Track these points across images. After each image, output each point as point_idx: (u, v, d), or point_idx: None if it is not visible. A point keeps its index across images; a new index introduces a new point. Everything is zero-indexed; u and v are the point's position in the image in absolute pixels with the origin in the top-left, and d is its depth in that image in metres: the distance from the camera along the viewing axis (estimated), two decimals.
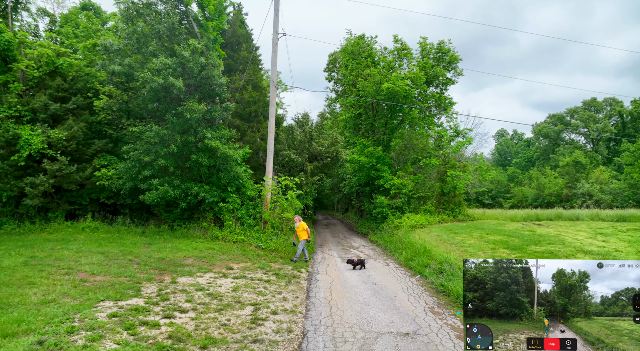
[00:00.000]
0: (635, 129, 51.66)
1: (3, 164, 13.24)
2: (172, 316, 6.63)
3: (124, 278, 9.18)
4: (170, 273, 9.96)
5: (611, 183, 40.04)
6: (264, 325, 6.50)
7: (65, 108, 14.54)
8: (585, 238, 14.99)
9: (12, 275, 8.80)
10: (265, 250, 13.95)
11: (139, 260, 11.01)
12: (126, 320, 6.21)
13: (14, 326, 5.59)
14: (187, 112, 12.98)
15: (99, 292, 7.83)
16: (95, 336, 5.47)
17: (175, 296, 7.93)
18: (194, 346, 5.38)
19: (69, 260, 10.52)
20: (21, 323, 5.74)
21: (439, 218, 20.60)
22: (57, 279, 8.68)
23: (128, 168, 14.27)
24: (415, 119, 23.46)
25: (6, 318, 5.90)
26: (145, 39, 13.61)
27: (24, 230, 14.36)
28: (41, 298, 7.22)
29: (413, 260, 12.59)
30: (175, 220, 15.30)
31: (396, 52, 26.01)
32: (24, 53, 14.76)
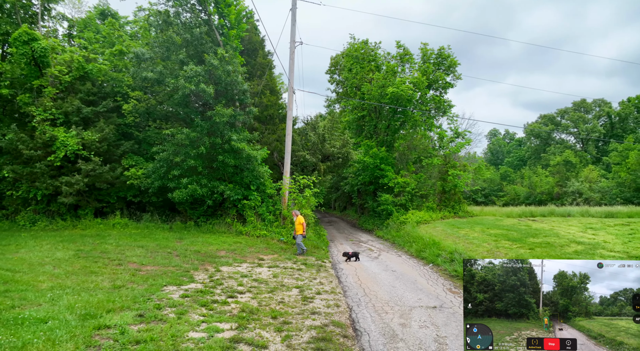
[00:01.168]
0: (622, 129, 53.79)
1: (40, 164, 14.10)
2: (234, 296, 7.70)
3: (171, 267, 10.17)
4: (211, 264, 10.98)
5: (600, 181, 41.85)
6: (314, 302, 7.62)
7: (96, 111, 15.44)
8: (577, 231, 16.37)
9: (72, 265, 9.75)
10: (287, 243, 15.03)
11: (178, 253, 12.01)
12: (198, 300, 7.26)
13: (110, 304, 6.59)
14: (216, 116, 14.00)
15: (158, 279, 8.81)
16: (180, 311, 6.52)
17: (227, 281, 8.98)
18: (265, 317, 6.47)
19: (114, 253, 11.47)
20: (113, 302, 6.72)
21: (441, 215, 21.92)
22: (114, 269, 9.64)
23: (157, 168, 15.22)
24: (418, 121, 24.72)
25: (97, 299, 6.86)
26: (175, 48, 14.58)
27: (57, 226, 15.24)
28: (111, 284, 8.17)
29: (424, 251, 13.81)
30: (199, 216, 16.30)
31: (399, 57, 27.24)
32: (55, 58, 15.59)
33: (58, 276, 8.58)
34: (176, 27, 14.80)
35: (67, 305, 6.42)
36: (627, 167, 37.92)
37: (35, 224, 15.03)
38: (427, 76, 24.97)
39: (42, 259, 10.26)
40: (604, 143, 57.55)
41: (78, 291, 7.36)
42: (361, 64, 27.98)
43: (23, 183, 14.70)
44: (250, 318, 6.33)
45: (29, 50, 14.02)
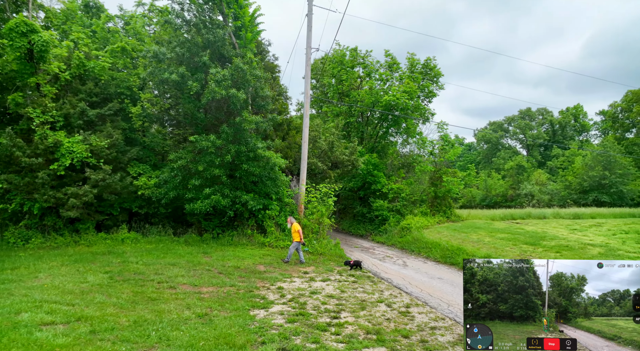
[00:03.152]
0: (563, 136, 60.04)
1: (42, 174, 12.38)
2: (337, 316, 7.42)
3: (229, 287, 9.52)
4: (262, 280, 10.44)
5: (549, 184, 46.38)
6: (415, 316, 7.60)
7: (101, 114, 13.93)
8: (568, 233, 18.02)
9: (120, 291, 8.68)
10: (313, 253, 14.74)
11: (218, 270, 11.26)
12: (308, 323, 6.90)
13: (231, 339, 5.92)
14: (245, 123, 13.36)
15: (233, 302, 8.16)
16: (312, 338, 6.13)
17: (304, 299, 8.61)
18: (397, 337, 6.32)
19: (152, 274, 10.45)
20: (231, 336, 6.03)
21: (437, 220, 22.85)
22: (173, 293, 8.74)
23: (171, 177, 14.16)
24: (410, 129, 25.59)
25: (210, 333, 6.10)
26: (196, 49, 13.63)
27: (56, 243, 13.49)
28: (191, 312, 7.33)
29: (451, 257, 14.33)
30: (214, 228, 15.41)
31: (387, 66, 28.01)
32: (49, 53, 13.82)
33: (122, 306, 7.59)
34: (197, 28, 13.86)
35: (185, 344, 5.69)
36: (573, 171, 42.52)
37: (29, 241, 13.17)
38: (418, 85, 25.97)
39: (77, 285, 9.03)
40: (546, 149, 63.88)
41: (170, 325, 6.56)
42: (348, 72, 28.30)
43: (17, 195, 12.79)
44: (388, 340, 6.15)
45: (26, 44, 12.26)
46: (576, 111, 59.36)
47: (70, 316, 6.63)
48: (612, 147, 38.40)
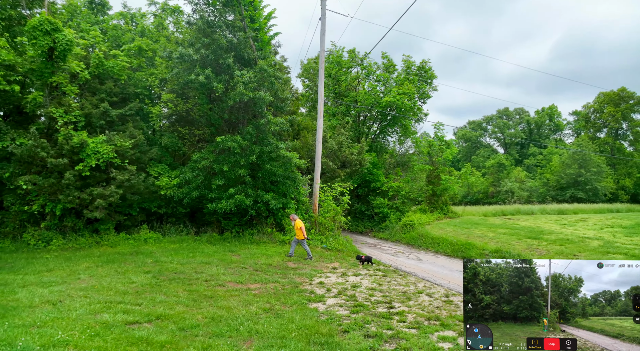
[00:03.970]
0: (539, 135, 63.13)
1: (69, 175, 12.27)
2: (392, 307, 8.02)
3: (273, 284, 9.90)
4: (299, 276, 10.89)
5: (527, 182, 48.88)
6: (457, 303, 8.31)
7: (122, 114, 13.88)
8: (560, 228, 19.40)
9: (176, 291, 8.88)
10: (332, 250, 15.30)
11: (252, 267, 11.62)
12: (371, 313, 7.46)
13: (316, 329, 6.31)
14: (270, 125, 13.71)
15: (288, 297, 8.52)
16: (385, 325, 6.70)
17: (350, 292, 9.16)
18: (455, 321, 6.98)
19: (193, 272, 10.70)
20: (313, 327, 6.38)
21: (435, 216, 23.89)
22: (226, 291, 8.93)
23: (193, 177, 14.33)
24: (409, 129, 26.52)
25: (290, 325, 6.37)
26: (221, 51, 13.81)
27: (79, 244, 13.38)
28: (259, 307, 7.61)
29: (463, 252, 15.25)
30: (234, 227, 15.68)
31: (384, 68, 28.79)
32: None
33: (187, 304, 7.69)
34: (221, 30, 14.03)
35: (277, 336, 6.02)
36: (550, 169, 45.05)
37: (50, 243, 13.01)
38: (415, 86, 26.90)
39: (127, 286, 9.16)
40: (522, 147, 67.01)
41: (247, 319, 6.85)
42: (346, 73, 28.87)
43: (39, 196, 12.60)
44: (451, 324, 6.79)
45: (50, 42, 12.08)
46: (551, 111, 62.55)
47: (149, 316, 6.85)
48: (587, 146, 40.96)
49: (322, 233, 16.30)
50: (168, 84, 15.00)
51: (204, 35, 13.83)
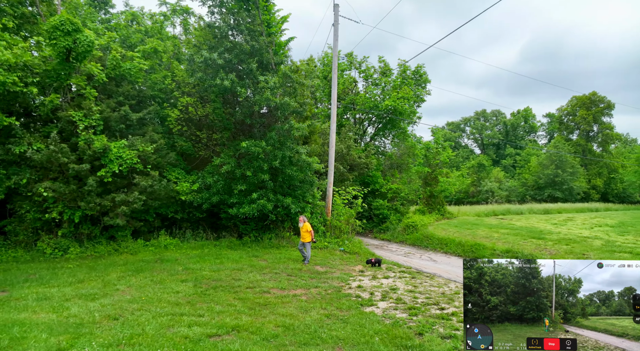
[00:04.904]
0: (515, 136, 66.01)
1: (92, 181, 11.85)
2: (443, 308, 8.41)
3: (314, 289, 10.06)
4: (336, 280, 11.09)
5: (506, 182, 51.12)
6: None
7: (141, 118, 13.55)
8: (554, 228, 20.58)
9: (225, 300, 8.83)
10: (349, 253, 15.59)
11: (286, 272, 11.69)
12: (428, 314, 7.81)
13: (391, 332, 6.57)
14: (293, 130, 13.82)
15: (338, 302, 8.70)
16: (449, 326, 7.06)
17: (394, 295, 9.47)
18: None
19: (230, 280, 10.64)
20: (388, 331, 6.64)
21: (434, 217, 24.71)
22: (275, 297, 8.99)
23: (213, 182, 14.23)
24: (406, 132, 27.21)
25: (365, 331, 6.61)
26: (244, 56, 13.74)
27: (98, 252, 12.96)
28: (320, 313, 7.80)
29: (474, 252, 15.94)
30: (251, 231, 15.67)
31: (380, 71, 29.33)
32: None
33: (248, 314, 7.68)
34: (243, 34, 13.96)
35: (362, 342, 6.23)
36: (529, 170, 47.37)
37: (67, 252, 12.55)
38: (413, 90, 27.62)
39: (173, 296, 8.99)
40: (499, 148, 69.88)
41: (318, 326, 6.99)
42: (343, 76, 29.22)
43: (58, 203, 12.10)
44: None
45: (70, 43, 11.62)
46: (526, 113, 65.59)
47: (223, 327, 6.79)
48: (563, 147, 43.39)
49: (338, 236, 16.56)
50: (184, 87, 14.74)
51: (226, 39, 13.71)
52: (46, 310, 7.60)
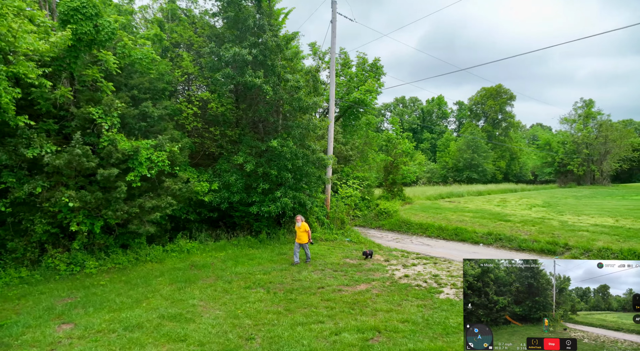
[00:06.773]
0: (430, 122, 73.54)
1: (123, 186, 10.59)
2: None
3: (373, 282, 11.00)
4: (375, 272, 12.11)
5: (429, 164, 57.38)
6: None
7: (159, 114, 12.34)
8: (501, 209, 24.40)
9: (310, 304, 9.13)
10: (356, 243, 16.73)
11: (330, 268, 12.27)
12: None
13: None
14: (317, 129, 14.18)
15: (399, 294, 9.87)
16: None
17: (443, 282, 10.94)
18: None
19: (289, 281, 10.95)
20: None
21: (399, 203, 27.14)
22: (344, 296, 9.68)
23: (233, 181, 13.93)
24: (372, 123, 28.85)
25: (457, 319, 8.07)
26: (268, 52, 13.31)
27: (120, 264, 11.72)
28: (413, 312, 8.85)
29: (458, 234, 18.36)
30: (264, 228, 15.73)
31: (342, 62, 30.16)
32: None
33: (351, 315, 8.47)
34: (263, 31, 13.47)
35: None
36: (449, 154, 53.96)
37: (85, 266, 11.18)
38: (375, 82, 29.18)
39: (263, 305, 8.93)
40: (415, 133, 77.22)
41: (429, 324, 8.03)
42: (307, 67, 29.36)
43: (78, 212, 10.53)
44: None
45: (91, 29, 9.99)
46: (439, 101, 73.45)
47: (362, 329, 7.40)
48: (478, 134, 50.41)
49: (341, 228, 17.55)
50: (196, 80, 13.75)
51: (250, 33, 13.08)
52: (162, 341, 7.00)
